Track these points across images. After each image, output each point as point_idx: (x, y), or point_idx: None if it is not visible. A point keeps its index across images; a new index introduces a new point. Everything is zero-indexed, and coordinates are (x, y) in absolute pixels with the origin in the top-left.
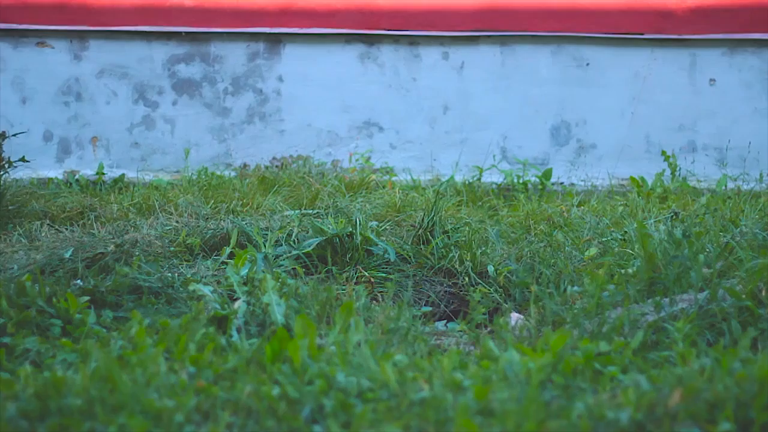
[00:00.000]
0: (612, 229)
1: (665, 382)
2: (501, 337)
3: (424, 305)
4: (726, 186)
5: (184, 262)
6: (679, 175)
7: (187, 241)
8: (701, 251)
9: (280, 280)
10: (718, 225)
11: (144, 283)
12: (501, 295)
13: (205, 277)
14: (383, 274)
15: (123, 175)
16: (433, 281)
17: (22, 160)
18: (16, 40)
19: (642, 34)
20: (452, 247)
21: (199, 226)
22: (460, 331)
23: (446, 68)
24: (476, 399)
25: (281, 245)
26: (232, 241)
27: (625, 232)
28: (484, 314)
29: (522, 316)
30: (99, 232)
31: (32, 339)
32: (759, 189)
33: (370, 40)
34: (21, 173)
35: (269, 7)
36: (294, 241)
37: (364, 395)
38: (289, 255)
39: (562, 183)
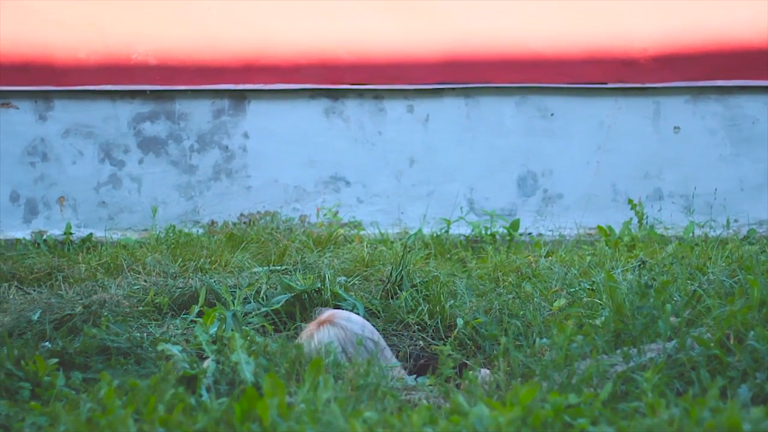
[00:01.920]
0: (580, 279)
1: None
2: (471, 391)
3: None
4: (693, 233)
5: (153, 322)
6: (647, 223)
7: (156, 300)
8: (669, 300)
9: (248, 338)
10: (685, 273)
11: (112, 343)
12: (471, 349)
13: (174, 336)
14: None
15: (91, 234)
16: (403, 335)
17: None
18: None
19: (605, 83)
20: (421, 301)
21: (167, 285)
22: (430, 385)
23: (411, 121)
24: None
25: (250, 302)
26: (201, 300)
27: (593, 282)
28: (453, 368)
29: (489, 372)
30: (67, 293)
31: (1, 403)
32: (726, 235)
33: (334, 94)
34: None
35: (233, 64)
36: (263, 298)
37: None
38: (257, 312)
39: (530, 233)
